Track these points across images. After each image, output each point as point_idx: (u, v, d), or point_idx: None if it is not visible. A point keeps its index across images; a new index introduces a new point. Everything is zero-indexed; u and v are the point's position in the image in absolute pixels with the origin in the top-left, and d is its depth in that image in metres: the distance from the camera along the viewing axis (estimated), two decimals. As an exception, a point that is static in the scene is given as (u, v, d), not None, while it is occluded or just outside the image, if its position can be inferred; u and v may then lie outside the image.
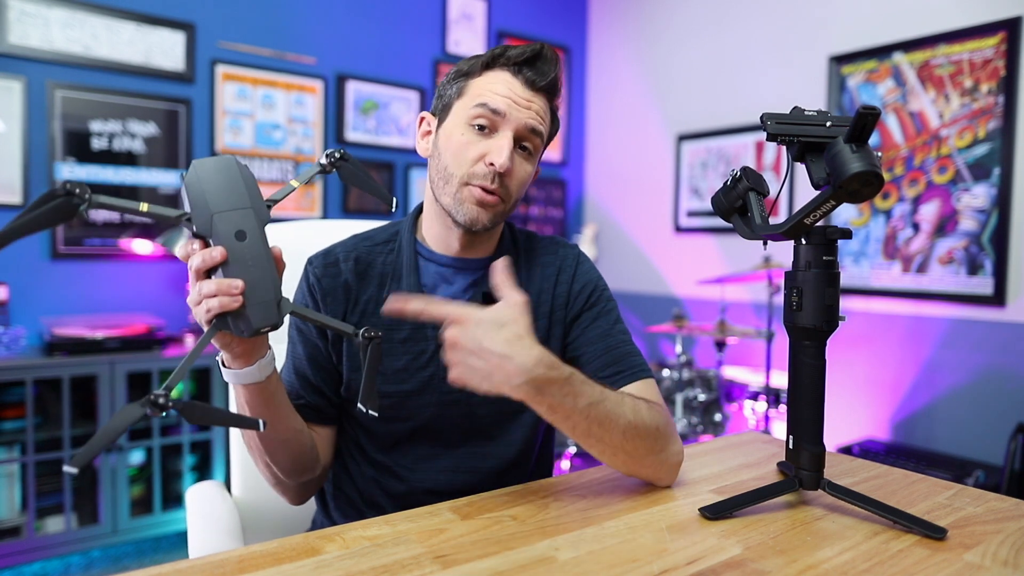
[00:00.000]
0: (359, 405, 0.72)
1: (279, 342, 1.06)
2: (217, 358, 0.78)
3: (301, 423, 0.90)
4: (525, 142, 0.91)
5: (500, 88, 0.89)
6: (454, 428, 0.95)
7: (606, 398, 0.77)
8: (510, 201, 0.92)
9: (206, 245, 0.68)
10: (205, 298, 0.67)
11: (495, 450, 0.96)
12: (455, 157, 0.89)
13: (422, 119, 0.98)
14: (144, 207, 0.65)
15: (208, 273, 0.68)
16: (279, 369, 0.96)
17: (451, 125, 0.91)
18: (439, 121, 0.95)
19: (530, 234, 1.06)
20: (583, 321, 0.98)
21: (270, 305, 0.68)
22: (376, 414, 0.71)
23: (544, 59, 0.92)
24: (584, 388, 0.75)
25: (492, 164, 0.87)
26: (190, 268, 0.68)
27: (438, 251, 0.96)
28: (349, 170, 0.77)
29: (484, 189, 0.88)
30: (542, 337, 0.95)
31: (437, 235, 0.96)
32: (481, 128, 0.89)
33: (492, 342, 0.69)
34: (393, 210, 0.80)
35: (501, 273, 0.76)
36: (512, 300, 0.73)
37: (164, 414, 0.61)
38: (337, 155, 0.76)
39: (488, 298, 0.93)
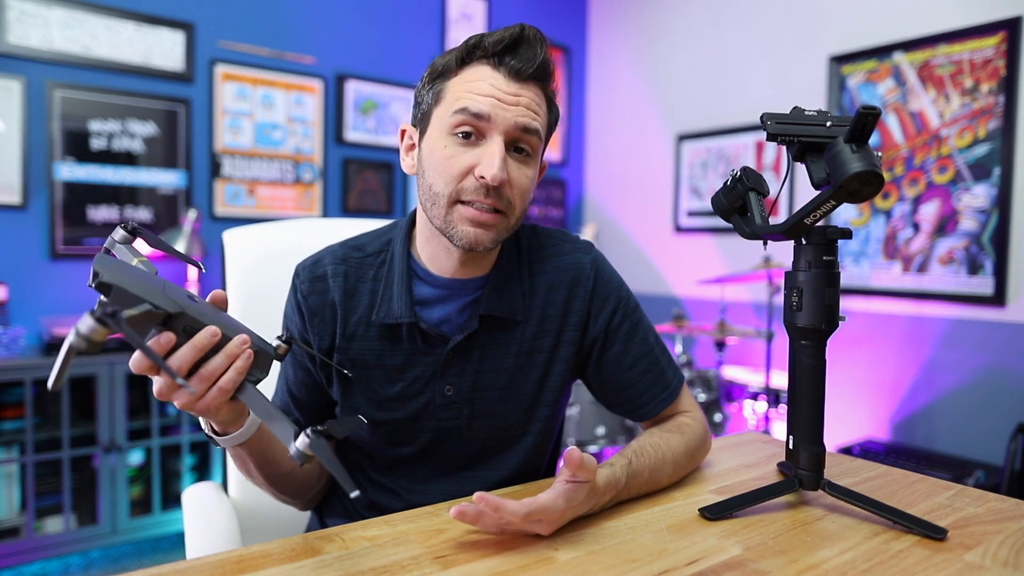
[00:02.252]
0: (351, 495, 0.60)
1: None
2: (206, 432, 0.74)
3: None
4: (520, 143, 0.80)
5: (481, 87, 0.78)
6: (452, 453, 0.91)
7: (640, 469, 0.79)
8: (514, 214, 0.81)
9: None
10: (216, 378, 0.63)
11: (494, 475, 0.92)
12: (440, 174, 0.79)
13: (403, 132, 0.89)
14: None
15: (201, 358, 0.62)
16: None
17: (432, 138, 0.81)
18: (420, 132, 0.84)
19: (536, 229, 0.95)
20: (614, 344, 0.92)
21: (260, 339, 0.67)
22: (357, 493, 0.59)
23: (527, 42, 0.80)
24: (625, 479, 0.77)
25: (483, 177, 0.76)
26: (175, 362, 0.61)
27: (433, 271, 0.87)
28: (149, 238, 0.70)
29: (477, 206, 0.78)
30: (545, 358, 0.90)
31: (432, 255, 0.87)
32: (466, 136, 0.78)
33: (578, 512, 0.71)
34: (204, 271, 0.76)
35: (576, 464, 0.67)
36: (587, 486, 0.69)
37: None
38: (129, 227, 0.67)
39: (487, 321, 0.87)
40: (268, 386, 0.99)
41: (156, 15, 2.66)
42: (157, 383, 0.63)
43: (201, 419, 0.73)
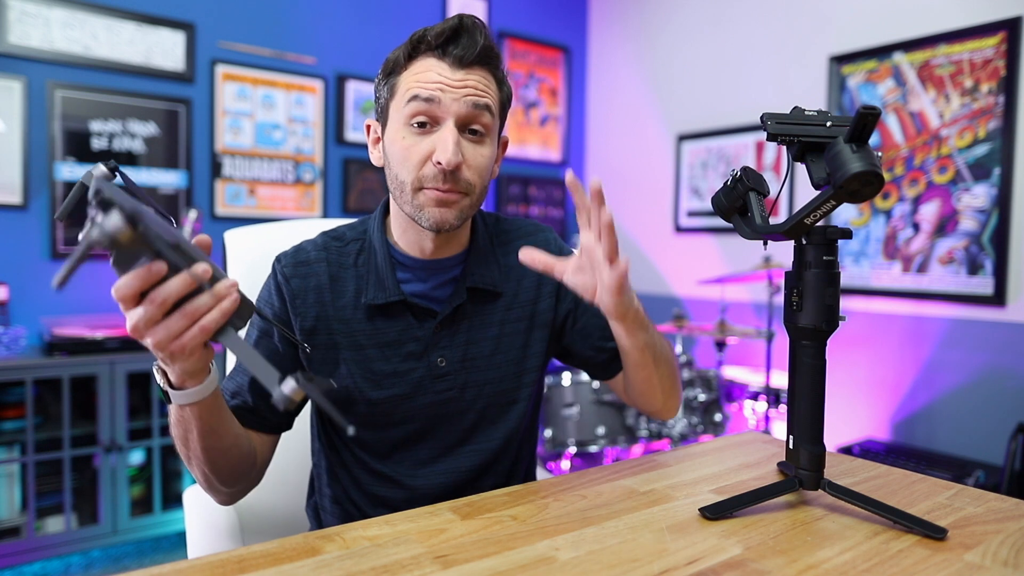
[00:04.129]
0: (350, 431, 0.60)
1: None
2: (160, 385, 0.72)
3: (242, 429, 0.85)
4: (473, 125, 0.85)
5: (429, 76, 0.83)
6: (449, 428, 0.94)
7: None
8: (475, 193, 0.87)
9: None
10: (201, 316, 0.61)
11: (489, 445, 0.96)
12: (402, 163, 0.85)
13: (368, 127, 0.95)
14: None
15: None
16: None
17: (392, 130, 0.87)
18: (382, 127, 0.91)
19: (499, 217, 1.03)
20: (579, 314, 1.01)
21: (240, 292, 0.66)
22: (353, 430, 0.59)
23: (467, 31, 0.84)
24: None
25: (439, 163, 0.82)
26: (156, 298, 0.59)
27: (411, 254, 0.93)
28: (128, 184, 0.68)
29: (439, 190, 0.84)
30: (525, 326, 0.97)
31: (408, 240, 0.93)
32: (422, 125, 0.84)
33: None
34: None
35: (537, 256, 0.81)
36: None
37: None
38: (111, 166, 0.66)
39: (472, 294, 0.94)
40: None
41: (156, 15, 2.66)
42: (133, 316, 0.60)
43: (159, 371, 0.71)
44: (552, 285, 0.99)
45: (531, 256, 0.80)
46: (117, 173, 0.66)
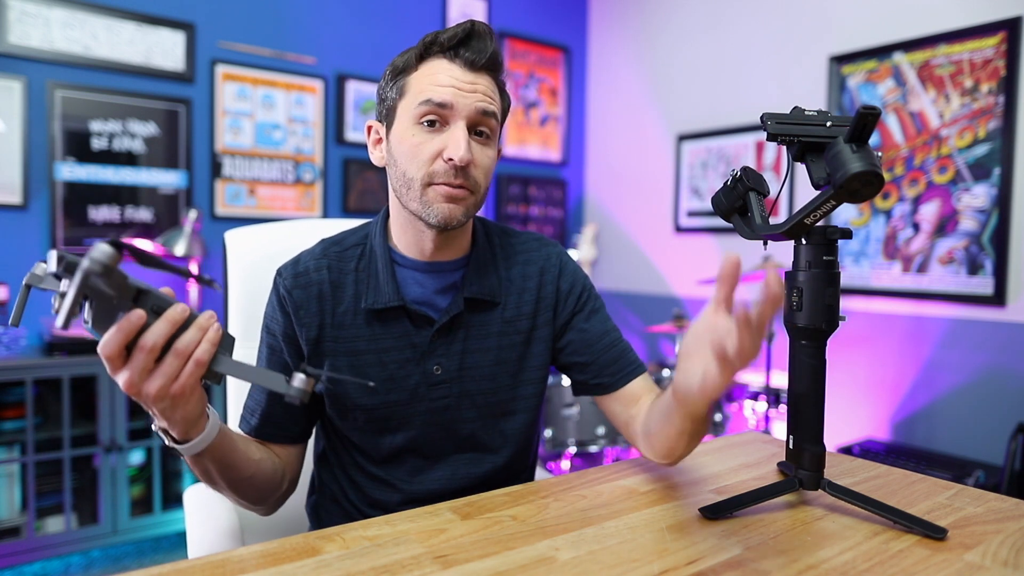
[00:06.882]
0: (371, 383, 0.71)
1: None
2: (166, 442, 0.73)
3: (260, 453, 0.87)
4: (480, 127, 0.87)
5: (442, 78, 0.85)
6: (446, 436, 0.94)
7: None
8: (479, 192, 0.88)
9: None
10: (192, 351, 0.63)
11: (487, 457, 0.96)
12: (412, 160, 0.85)
13: (370, 128, 0.95)
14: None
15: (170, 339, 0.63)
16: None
17: (400, 128, 0.88)
18: (387, 127, 0.91)
19: (506, 230, 1.03)
20: (577, 323, 0.99)
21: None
22: (373, 384, 0.69)
23: (478, 36, 0.86)
24: None
25: (451, 159, 0.83)
26: (146, 344, 0.61)
27: (411, 256, 0.93)
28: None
29: (449, 185, 0.85)
30: (523, 339, 0.96)
31: (409, 241, 0.93)
32: (431, 124, 0.85)
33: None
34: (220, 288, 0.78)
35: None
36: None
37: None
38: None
39: (470, 303, 0.93)
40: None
41: (157, 15, 2.66)
42: (125, 373, 0.62)
43: (161, 429, 0.72)
44: (551, 297, 0.98)
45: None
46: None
